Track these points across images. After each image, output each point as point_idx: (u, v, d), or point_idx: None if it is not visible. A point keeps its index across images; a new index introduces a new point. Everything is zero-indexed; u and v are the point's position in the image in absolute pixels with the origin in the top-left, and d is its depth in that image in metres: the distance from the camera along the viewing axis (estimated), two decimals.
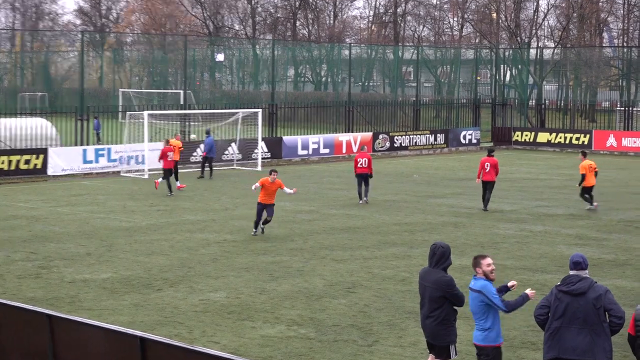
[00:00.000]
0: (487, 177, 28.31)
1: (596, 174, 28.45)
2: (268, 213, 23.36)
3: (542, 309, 10.26)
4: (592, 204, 28.31)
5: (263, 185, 23.30)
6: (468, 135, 54.41)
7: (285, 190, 23.87)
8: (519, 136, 55.27)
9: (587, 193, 28.32)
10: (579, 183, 28.46)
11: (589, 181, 28.17)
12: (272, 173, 23.54)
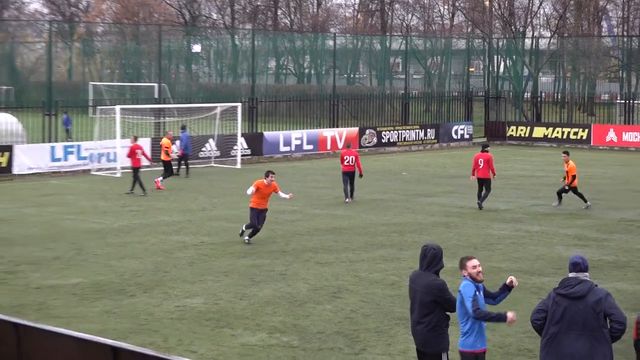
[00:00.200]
0: (482, 174, 28.48)
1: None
2: (259, 220, 22.65)
3: (539, 314, 10.22)
4: (559, 204, 28.81)
5: (258, 188, 22.44)
6: (460, 130, 54.54)
7: (280, 194, 23.08)
8: (514, 131, 55.42)
9: (564, 193, 28.68)
10: (570, 183, 28.59)
11: (575, 182, 28.53)
12: (270, 175, 22.65)
